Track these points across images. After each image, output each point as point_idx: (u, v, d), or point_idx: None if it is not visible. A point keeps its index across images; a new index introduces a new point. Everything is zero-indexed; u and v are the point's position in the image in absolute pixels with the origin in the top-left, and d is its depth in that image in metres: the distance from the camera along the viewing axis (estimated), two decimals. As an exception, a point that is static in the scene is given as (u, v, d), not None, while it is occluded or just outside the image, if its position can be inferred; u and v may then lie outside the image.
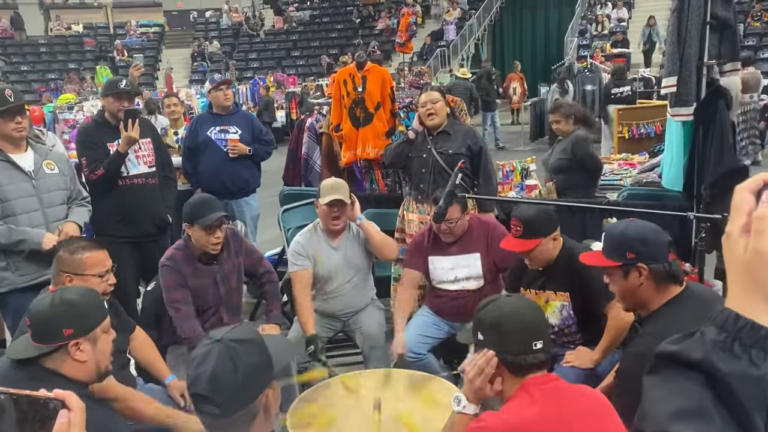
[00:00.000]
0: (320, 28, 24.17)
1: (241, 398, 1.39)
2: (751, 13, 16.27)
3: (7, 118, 3.08)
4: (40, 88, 20.40)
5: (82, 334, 1.87)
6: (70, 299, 1.90)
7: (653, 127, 8.23)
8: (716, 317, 0.66)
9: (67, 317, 1.85)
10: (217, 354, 1.39)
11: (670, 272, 2.07)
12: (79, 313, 1.88)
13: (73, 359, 1.86)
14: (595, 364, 2.68)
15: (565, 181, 4.39)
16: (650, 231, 2.14)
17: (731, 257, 0.68)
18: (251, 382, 1.40)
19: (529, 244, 2.72)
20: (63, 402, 0.81)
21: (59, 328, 1.84)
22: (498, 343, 1.73)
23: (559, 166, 4.47)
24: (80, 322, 1.88)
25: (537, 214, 2.74)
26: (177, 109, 5.48)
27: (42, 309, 1.88)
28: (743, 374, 0.63)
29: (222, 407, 1.37)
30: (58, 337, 1.85)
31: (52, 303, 1.88)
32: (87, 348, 1.88)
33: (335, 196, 3.20)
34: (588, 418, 1.65)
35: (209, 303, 3.08)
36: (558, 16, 21.05)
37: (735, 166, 3.61)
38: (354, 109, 4.61)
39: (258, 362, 1.43)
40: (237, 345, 1.41)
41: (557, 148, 4.53)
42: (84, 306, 1.91)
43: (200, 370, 1.39)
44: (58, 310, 1.86)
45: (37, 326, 1.87)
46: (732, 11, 3.62)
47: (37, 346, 1.85)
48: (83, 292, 1.98)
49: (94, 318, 1.92)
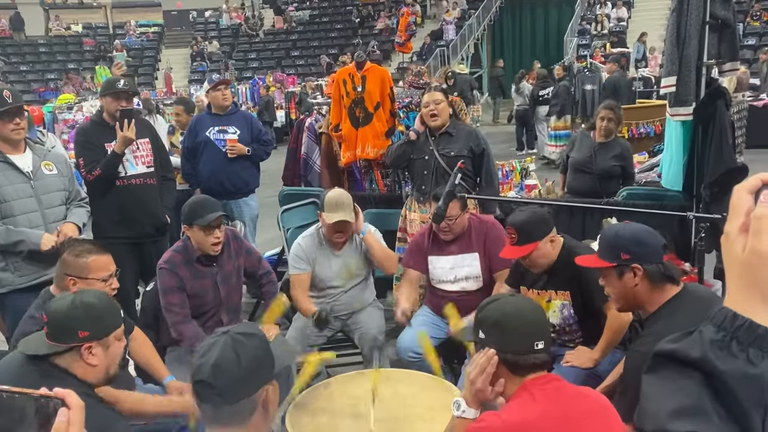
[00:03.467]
0: (320, 28, 24.18)
1: (242, 388, 1.43)
2: (751, 12, 16.29)
3: (5, 120, 3.08)
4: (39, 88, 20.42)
5: (97, 338, 1.89)
6: (89, 302, 1.92)
7: (653, 127, 8.25)
8: (714, 316, 0.66)
9: (84, 319, 1.87)
10: (223, 344, 1.45)
11: (665, 273, 2.08)
12: (96, 317, 1.90)
13: (85, 362, 1.89)
14: (595, 363, 2.68)
15: (608, 187, 4.40)
16: (644, 232, 2.15)
17: (730, 257, 0.68)
18: (253, 373, 1.44)
19: (525, 249, 2.72)
20: (63, 400, 0.81)
21: (75, 330, 1.86)
22: (499, 342, 1.73)
23: (612, 171, 4.46)
24: (96, 325, 1.90)
25: (528, 219, 2.73)
26: (181, 119, 5.49)
27: (61, 308, 1.89)
28: (741, 373, 0.63)
29: (223, 395, 1.41)
30: (73, 338, 1.87)
31: (72, 304, 1.89)
32: (99, 352, 1.90)
33: (339, 217, 3.17)
34: (589, 419, 1.65)
35: (209, 304, 3.07)
36: (557, 16, 21.09)
37: (734, 166, 3.61)
38: (353, 108, 4.61)
39: (260, 356, 1.47)
40: (242, 337, 1.46)
41: (605, 152, 4.48)
42: (102, 310, 1.93)
43: (205, 358, 1.44)
44: (77, 311, 1.88)
45: (54, 324, 1.89)
46: (731, 11, 3.62)
47: (52, 345, 1.88)
48: (103, 297, 2.01)
49: (110, 323, 1.95)
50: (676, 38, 3.50)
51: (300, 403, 2.44)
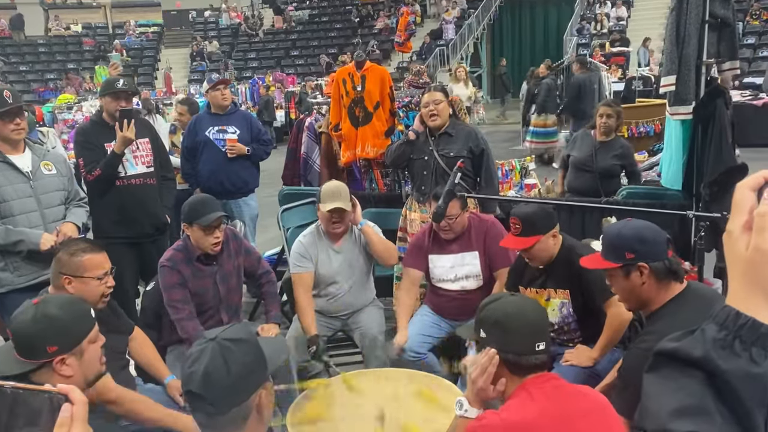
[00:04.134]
0: (319, 28, 24.18)
1: (234, 396, 1.40)
2: (750, 11, 16.28)
3: (6, 120, 3.08)
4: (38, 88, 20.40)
5: (67, 350, 1.80)
6: (52, 314, 1.80)
7: (652, 126, 8.25)
8: (717, 315, 0.66)
9: (50, 334, 1.77)
10: (211, 352, 1.40)
11: (671, 269, 2.07)
12: (62, 329, 1.80)
13: (59, 374, 1.78)
14: (594, 362, 2.68)
15: (609, 186, 4.42)
16: (647, 229, 2.13)
17: (732, 255, 0.67)
18: (244, 380, 1.41)
19: (528, 241, 2.72)
20: (66, 396, 0.82)
21: (43, 346, 1.76)
22: (501, 342, 1.72)
23: (612, 170, 4.48)
24: (64, 337, 1.80)
25: (535, 211, 2.75)
26: (183, 119, 5.47)
27: (24, 325, 1.79)
28: (743, 372, 0.63)
29: (214, 405, 1.38)
30: (43, 354, 1.77)
31: (34, 318, 1.78)
32: (73, 362, 1.81)
33: (335, 204, 3.18)
34: (588, 418, 1.65)
35: (209, 303, 3.08)
36: (557, 15, 21.08)
37: (734, 165, 3.60)
38: (353, 108, 4.60)
39: (251, 361, 1.43)
40: (230, 344, 1.42)
41: (606, 151, 4.49)
42: (67, 320, 1.82)
43: (194, 368, 1.40)
44: (41, 325, 1.77)
45: (20, 342, 1.78)
46: (731, 10, 3.61)
47: (22, 362, 1.77)
48: (66, 305, 1.89)
49: (78, 332, 1.84)
50: (676, 37, 3.50)
51: (300, 403, 2.44)
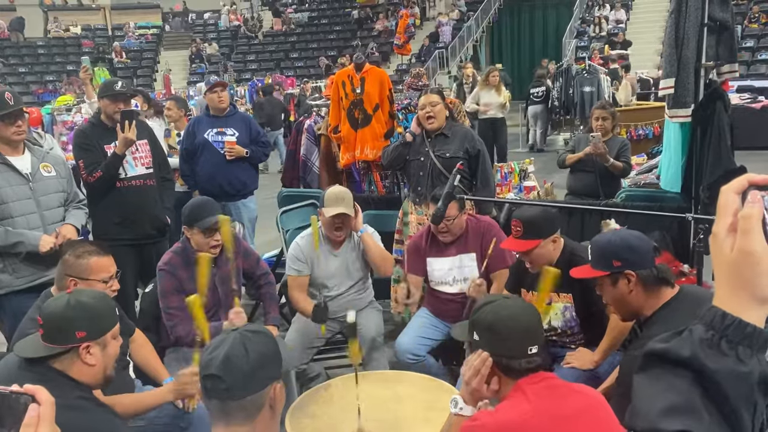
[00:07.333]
0: (318, 30, 24.19)
1: (250, 383, 1.44)
2: (749, 14, 16.30)
3: (7, 122, 3.09)
4: (38, 89, 20.40)
5: (94, 338, 1.88)
6: (85, 302, 1.90)
7: (651, 129, 8.25)
8: (704, 315, 0.67)
9: (80, 319, 1.86)
10: (232, 339, 1.47)
11: (658, 276, 2.09)
12: (93, 317, 1.89)
13: (83, 362, 1.87)
14: (595, 365, 2.68)
15: (609, 186, 4.43)
16: (634, 238, 2.17)
17: (718, 257, 0.69)
18: (261, 369, 1.46)
19: (528, 244, 2.72)
20: (33, 396, 0.82)
21: (72, 330, 1.85)
22: (493, 345, 1.73)
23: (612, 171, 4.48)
24: (94, 325, 1.89)
25: (538, 215, 2.75)
26: (172, 113, 5.47)
27: (56, 310, 1.87)
28: (730, 371, 0.64)
29: (231, 389, 1.42)
30: (71, 339, 1.85)
31: (68, 304, 1.87)
32: (96, 352, 1.89)
33: (339, 209, 3.18)
34: (583, 415, 1.65)
35: (208, 305, 3.06)
36: (556, 18, 21.08)
37: (733, 167, 3.61)
38: (352, 110, 4.61)
39: (269, 352, 1.49)
40: (251, 335, 1.49)
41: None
42: (98, 310, 1.92)
43: (214, 353, 1.46)
44: (73, 312, 1.86)
45: (49, 326, 1.86)
46: (729, 13, 3.62)
47: (48, 347, 1.85)
48: (98, 296, 1.99)
49: (106, 322, 1.93)
50: (675, 40, 3.51)
51: (300, 405, 2.44)
